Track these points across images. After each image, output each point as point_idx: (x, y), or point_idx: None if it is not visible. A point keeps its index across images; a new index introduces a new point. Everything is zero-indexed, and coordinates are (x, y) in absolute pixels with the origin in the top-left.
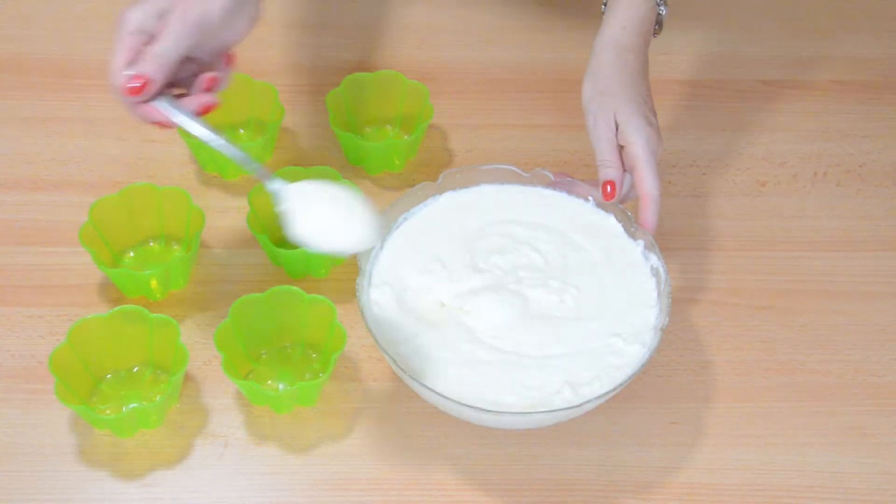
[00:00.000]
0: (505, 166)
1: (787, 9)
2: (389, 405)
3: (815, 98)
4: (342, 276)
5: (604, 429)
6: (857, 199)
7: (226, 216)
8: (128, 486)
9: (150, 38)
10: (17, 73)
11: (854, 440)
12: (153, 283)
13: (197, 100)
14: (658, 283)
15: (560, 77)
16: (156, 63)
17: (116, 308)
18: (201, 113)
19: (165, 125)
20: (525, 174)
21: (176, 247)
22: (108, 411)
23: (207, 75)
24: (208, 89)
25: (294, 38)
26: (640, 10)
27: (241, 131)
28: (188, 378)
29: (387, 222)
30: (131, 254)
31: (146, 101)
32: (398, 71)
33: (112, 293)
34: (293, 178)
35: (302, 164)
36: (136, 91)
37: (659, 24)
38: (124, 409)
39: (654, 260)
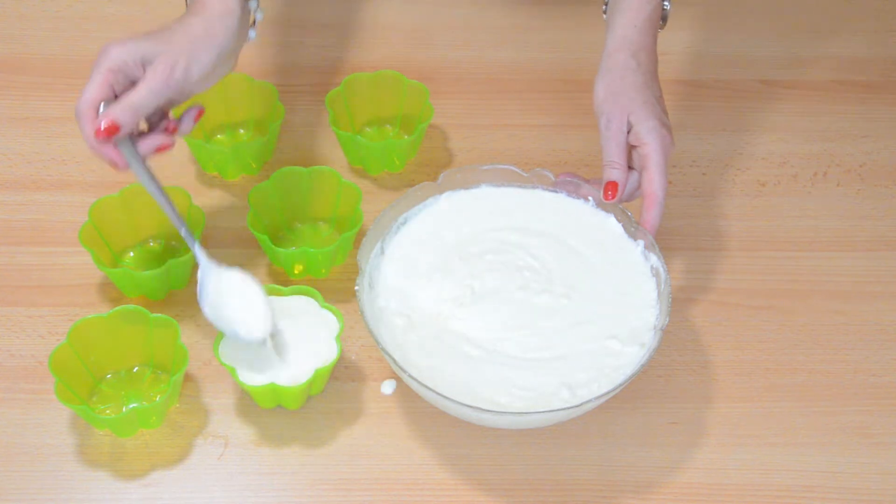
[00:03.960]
0: (505, 166)
1: (787, 9)
2: (389, 405)
3: (815, 98)
4: (342, 276)
5: (604, 429)
6: (857, 199)
7: (226, 216)
8: (128, 485)
9: (126, 80)
10: (17, 73)
11: (854, 440)
12: (153, 283)
13: (155, 140)
14: (658, 283)
15: (560, 77)
16: (128, 113)
17: (116, 308)
18: (157, 152)
19: (118, 167)
20: (525, 174)
21: (176, 247)
22: (108, 411)
23: (171, 123)
24: (168, 131)
25: (294, 38)
26: (648, 7)
27: (242, 131)
28: (188, 378)
29: (387, 222)
30: (131, 254)
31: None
32: (398, 71)
33: (112, 293)
34: (293, 179)
35: (302, 163)
36: (104, 133)
37: (664, 18)
38: (124, 409)
39: (654, 260)
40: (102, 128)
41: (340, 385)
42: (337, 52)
